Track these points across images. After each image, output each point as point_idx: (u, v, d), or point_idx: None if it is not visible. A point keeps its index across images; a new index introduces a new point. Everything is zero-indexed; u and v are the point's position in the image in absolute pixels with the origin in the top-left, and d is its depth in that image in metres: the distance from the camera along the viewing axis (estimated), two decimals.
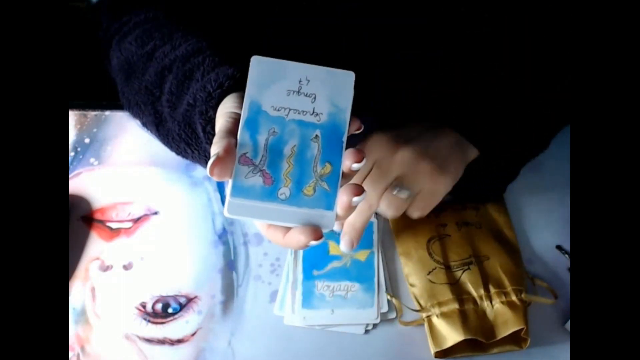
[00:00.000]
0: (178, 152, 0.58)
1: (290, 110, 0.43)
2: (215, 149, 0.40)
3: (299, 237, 0.41)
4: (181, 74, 0.55)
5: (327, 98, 0.43)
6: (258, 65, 0.43)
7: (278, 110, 0.43)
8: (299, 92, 0.43)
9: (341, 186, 0.42)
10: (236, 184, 0.41)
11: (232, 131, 0.42)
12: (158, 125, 0.58)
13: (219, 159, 0.39)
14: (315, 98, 0.43)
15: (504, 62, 0.61)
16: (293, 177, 0.42)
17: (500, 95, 0.59)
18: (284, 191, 0.41)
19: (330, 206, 0.41)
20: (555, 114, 0.61)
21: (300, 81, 0.43)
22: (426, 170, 0.55)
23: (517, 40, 0.61)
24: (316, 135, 0.43)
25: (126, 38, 0.63)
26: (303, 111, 0.43)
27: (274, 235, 0.42)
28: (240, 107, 0.44)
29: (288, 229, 0.42)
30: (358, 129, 0.44)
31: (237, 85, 0.49)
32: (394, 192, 0.55)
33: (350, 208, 0.41)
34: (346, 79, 0.44)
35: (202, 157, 0.55)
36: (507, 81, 0.60)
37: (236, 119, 0.43)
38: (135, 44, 0.61)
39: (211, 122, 0.48)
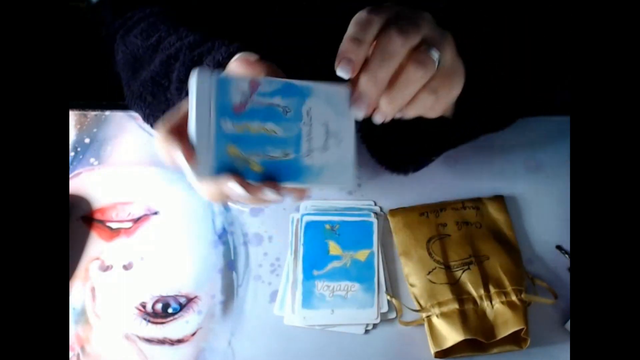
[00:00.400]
0: None
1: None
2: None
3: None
4: (189, 60, 0.55)
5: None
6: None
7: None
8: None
9: None
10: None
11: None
12: (164, 112, 0.58)
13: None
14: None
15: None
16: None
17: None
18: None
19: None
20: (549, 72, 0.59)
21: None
22: (451, 44, 0.46)
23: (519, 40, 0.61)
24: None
25: (131, 32, 0.63)
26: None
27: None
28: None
29: None
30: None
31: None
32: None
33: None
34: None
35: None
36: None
37: None
38: (140, 37, 0.61)
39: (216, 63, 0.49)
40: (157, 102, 0.58)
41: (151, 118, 0.60)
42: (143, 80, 0.59)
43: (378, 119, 0.45)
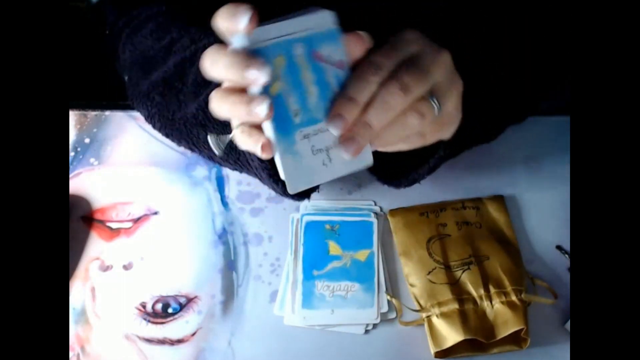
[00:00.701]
0: (188, 140, 0.57)
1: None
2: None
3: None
4: None
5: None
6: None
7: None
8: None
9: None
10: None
11: None
12: (175, 111, 0.57)
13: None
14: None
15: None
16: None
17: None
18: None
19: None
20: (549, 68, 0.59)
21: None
22: (458, 91, 0.46)
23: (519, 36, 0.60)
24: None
25: (139, 31, 0.62)
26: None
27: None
28: None
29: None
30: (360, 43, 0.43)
31: None
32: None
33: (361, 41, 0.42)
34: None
35: (214, 138, 0.55)
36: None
37: None
38: (151, 38, 0.61)
39: None
40: (165, 102, 0.58)
41: (155, 117, 0.60)
42: (154, 80, 0.59)
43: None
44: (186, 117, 0.56)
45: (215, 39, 0.56)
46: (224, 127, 0.52)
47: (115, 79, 0.68)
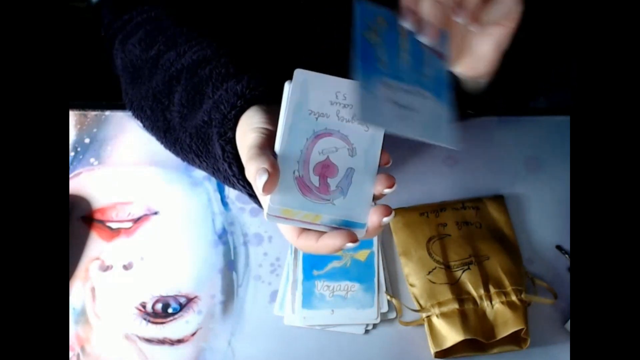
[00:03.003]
0: (184, 159, 0.58)
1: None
2: (261, 163, 0.41)
3: (333, 240, 0.42)
4: (190, 87, 0.55)
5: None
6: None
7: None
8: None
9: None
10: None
11: (266, 146, 0.44)
12: (166, 131, 0.58)
13: (270, 176, 0.40)
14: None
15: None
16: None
17: None
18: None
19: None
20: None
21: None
22: None
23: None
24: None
25: (129, 39, 0.62)
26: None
27: (306, 242, 0.43)
28: (268, 122, 0.46)
29: (319, 235, 0.43)
30: (386, 164, 0.44)
31: (251, 101, 0.49)
32: None
33: (380, 227, 0.42)
34: None
35: (209, 168, 0.55)
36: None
37: (268, 135, 0.45)
38: (139, 47, 0.61)
39: (231, 142, 0.49)
40: (154, 117, 0.59)
41: (149, 129, 0.61)
42: (144, 94, 0.59)
43: (461, 17, 0.44)
44: (181, 144, 0.56)
45: (200, 53, 0.57)
46: (216, 160, 0.53)
47: (115, 79, 0.67)
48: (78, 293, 0.61)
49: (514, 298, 0.57)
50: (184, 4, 0.65)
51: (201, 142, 0.54)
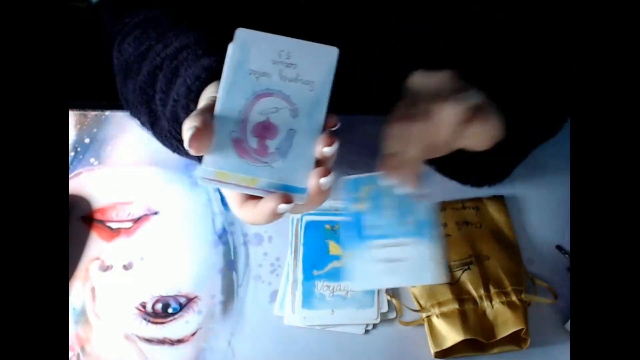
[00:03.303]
0: (172, 149, 0.58)
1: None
2: (192, 122, 0.39)
3: (267, 204, 0.40)
4: (169, 71, 0.55)
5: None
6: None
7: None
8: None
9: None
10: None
11: (208, 110, 0.42)
12: (153, 124, 0.58)
13: (197, 131, 0.39)
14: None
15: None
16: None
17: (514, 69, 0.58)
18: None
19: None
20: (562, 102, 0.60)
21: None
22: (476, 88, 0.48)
23: (521, 41, 0.61)
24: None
25: (125, 39, 0.63)
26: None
27: (246, 211, 0.41)
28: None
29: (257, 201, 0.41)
30: (333, 126, 0.43)
31: (216, 75, 0.48)
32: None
33: (321, 191, 0.41)
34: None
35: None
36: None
37: (214, 101, 0.43)
38: (132, 45, 0.61)
39: None
40: (144, 111, 0.58)
41: (146, 125, 0.61)
42: (132, 88, 0.59)
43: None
44: (164, 131, 0.56)
45: (184, 41, 0.56)
46: None
47: (115, 79, 0.67)
48: (78, 293, 0.61)
49: (514, 298, 0.57)
50: (183, 6, 0.65)
51: (176, 123, 0.52)
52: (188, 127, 0.39)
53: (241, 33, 0.42)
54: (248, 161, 0.41)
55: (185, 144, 0.39)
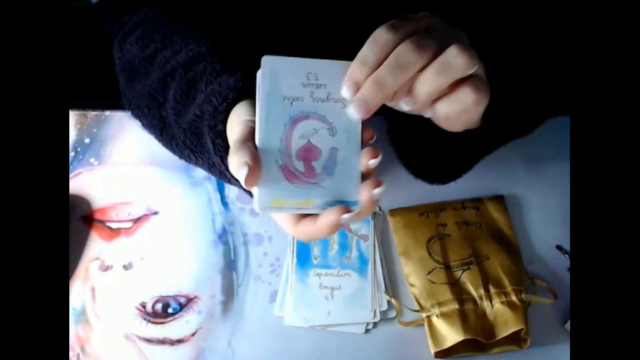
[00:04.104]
0: (181, 156, 0.58)
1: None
2: (242, 156, 0.40)
3: (327, 219, 0.41)
4: (184, 82, 0.55)
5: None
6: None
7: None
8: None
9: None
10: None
11: (249, 139, 0.43)
12: (162, 129, 0.58)
13: (251, 169, 0.40)
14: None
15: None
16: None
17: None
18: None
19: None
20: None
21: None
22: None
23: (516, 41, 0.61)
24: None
25: (127, 39, 0.63)
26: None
27: (304, 228, 0.43)
28: (254, 114, 0.44)
29: (316, 219, 0.42)
30: (371, 138, 0.43)
31: (242, 94, 0.49)
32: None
33: (373, 202, 0.41)
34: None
35: (205, 164, 0.55)
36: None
37: (252, 127, 0.44)
38: (136, 46, 0.61)
39: (221, 135, 0.48)
40: (151, 116, 0.58)
41: (146, 128, 0.61)
42: (140, 92, 0.59)
43: (406, 105, 0.43)
44: (176, 140, 0.56)
45: (195, 50, 0.56)
46: (210, 156, 0.52)
47: (115, 79, 0.68)
48: (78, 293, 0.61)
49: (514, 298, 0.57)
50: (183, 5, 0.65)
51: (194, 136, 0.53)
52: (239, 164, 0.40)
53: (267, 60, 0.42)
54: (298, 185, 0.42)
55: (242, 182, 0.40)
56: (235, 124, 0.45)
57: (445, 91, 0.43)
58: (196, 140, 0.53)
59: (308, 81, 0.43)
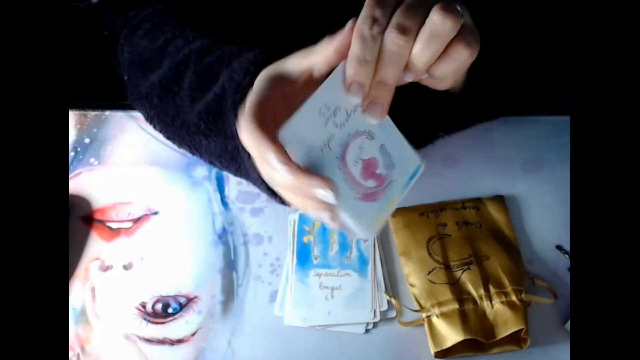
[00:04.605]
0: (190, 144, 0.57)
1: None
2: (316, 181, 0.41)
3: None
4: (200, 68, 0.54)
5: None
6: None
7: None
8: (327, 117, 0.43)
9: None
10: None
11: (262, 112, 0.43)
12: (174, 117, 0.57)
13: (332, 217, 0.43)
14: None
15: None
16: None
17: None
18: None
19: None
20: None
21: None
22: (466, 9, 0.44)
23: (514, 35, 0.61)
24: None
25: (135, 32, 0.63)
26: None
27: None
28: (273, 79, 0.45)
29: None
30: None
31: (262, 64, 0.48)
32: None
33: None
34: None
35: (217, 148, 0.54)
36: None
37: (262, 100, 0.44)
38: (146, 38, 0.61)
39: None
40: (164, 105, 0.58)
41: (155, 119, 0.60)
42: (152, 83, 0.59)
43: (409, 77, 0.43)
44: (187, 125, 0.56)
45: (207, 41, 0.56)
46: (226, 137, 0.52)
47: (115, 79, 0.68)
48: (78, 293, 0.61)
49: (514, 298, 0.57)
50: (189, 1, 0.65)
51: (211, 118, 0.53)
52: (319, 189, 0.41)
53: (285, 134, 0.41)
54: (381, 197, 0.45)
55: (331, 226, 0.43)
56: (253, 91, 0.45)
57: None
58: (212, 122, 0.53)
59: (324, 117, 0.43)
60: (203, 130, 0.54)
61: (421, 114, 0.59)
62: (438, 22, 0.40)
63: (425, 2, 0.41)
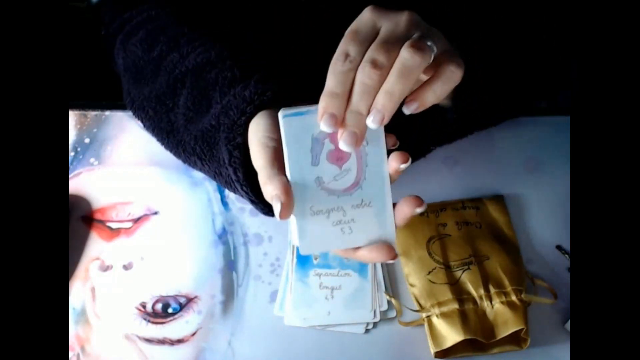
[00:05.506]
0: (185, 161, 0.58)
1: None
2: (274, 190, 0.42)
3: (370, 255, 0.45)
4: (196, 90, 0.55)
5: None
6: (287, 124, 0.43)
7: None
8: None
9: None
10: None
11: (274, 163, 0.44)
12: (169, 132, 0.58)
13: (284, 205, 0.42)
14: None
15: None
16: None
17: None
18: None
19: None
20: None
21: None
22: (440, 36, 0.45)
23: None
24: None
25: (130, 39, 0.62)
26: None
27: (346, 253, 0.46)
28: (273, 129, 0.46)
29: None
30: (394, 145, 0.45)
31: (259, 107, 0.49)
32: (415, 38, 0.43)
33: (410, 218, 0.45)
34: None
35: (211, 172, 0.55)
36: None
37: (274, 147, 0.45)
38: (140, 47, 0.61)
39: (239, 148, 0.49)
40: (157, 118, 0.59)
41: (150, 129, 0.61)
42: (147, 95, 0.59)
43: (408, 110, 0.44)
44: (184, 146, 0.56)
45: (204, 55, 0.56)
46: (220, 165, 0.53)
47: (115, 79, 0.68)
48: (78, 293, 0.61)
49: (514, 298, 0.57)
50: (185, 3, 0.65)
51: (206, 145, 0.54)
52: (272, 197, 0.43)
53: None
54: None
55: (278, 216, 0.43)
56: (256, 142, 0.47)
57: (431, 74, 0.44)
58: (207, 149, 0.54)
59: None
60: (198, 154, 0.55)
61: (414, 130, 0.59)
62: (408, 57, 0.41)
63: (398, 38, 0.43)
